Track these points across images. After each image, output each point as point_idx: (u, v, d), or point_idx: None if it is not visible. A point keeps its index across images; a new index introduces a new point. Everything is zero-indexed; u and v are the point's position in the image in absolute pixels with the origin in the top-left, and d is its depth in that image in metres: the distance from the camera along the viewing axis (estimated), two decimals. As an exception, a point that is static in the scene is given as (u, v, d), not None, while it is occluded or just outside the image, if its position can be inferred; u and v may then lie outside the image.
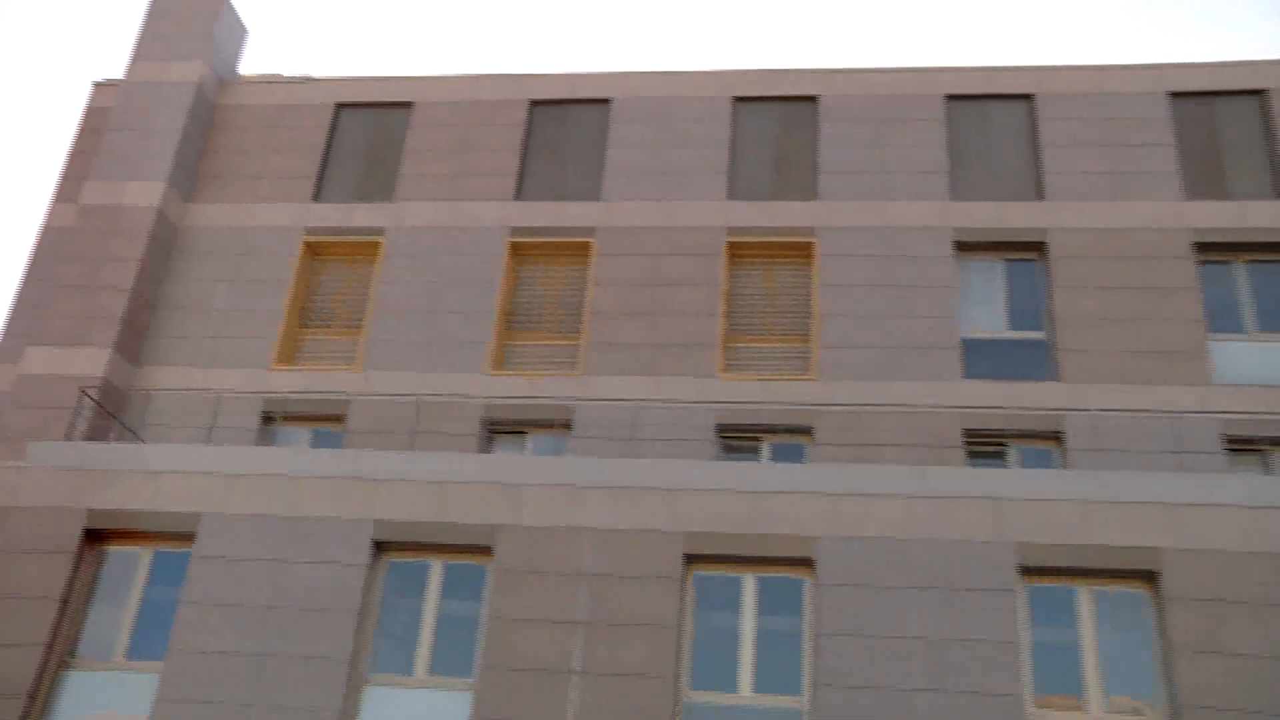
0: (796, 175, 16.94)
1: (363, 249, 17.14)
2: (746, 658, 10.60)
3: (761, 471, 11.29)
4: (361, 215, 17.11)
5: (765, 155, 17.21)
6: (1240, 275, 15.36)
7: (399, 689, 10.88)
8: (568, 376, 15.61)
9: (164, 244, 16.98)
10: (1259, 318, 15.09)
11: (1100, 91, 16.76)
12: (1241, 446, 13.86)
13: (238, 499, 11.54)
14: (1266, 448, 13.86)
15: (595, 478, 11.29)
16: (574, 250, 16.88)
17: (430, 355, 16.04)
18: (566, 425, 15.39)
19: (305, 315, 16.87)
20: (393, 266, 16.75)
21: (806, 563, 10.79)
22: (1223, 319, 15.06)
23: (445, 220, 16.95)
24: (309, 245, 17.13)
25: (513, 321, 16.63)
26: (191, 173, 17.68)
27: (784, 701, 10.37)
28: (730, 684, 10.50)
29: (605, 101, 17.81)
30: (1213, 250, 15.44)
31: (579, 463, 11.43)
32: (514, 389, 15.59)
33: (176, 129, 17.32)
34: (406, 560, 11.49)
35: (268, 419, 15.91)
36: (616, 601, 10.64)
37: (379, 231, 16.98)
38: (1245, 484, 11.02)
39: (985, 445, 14.61)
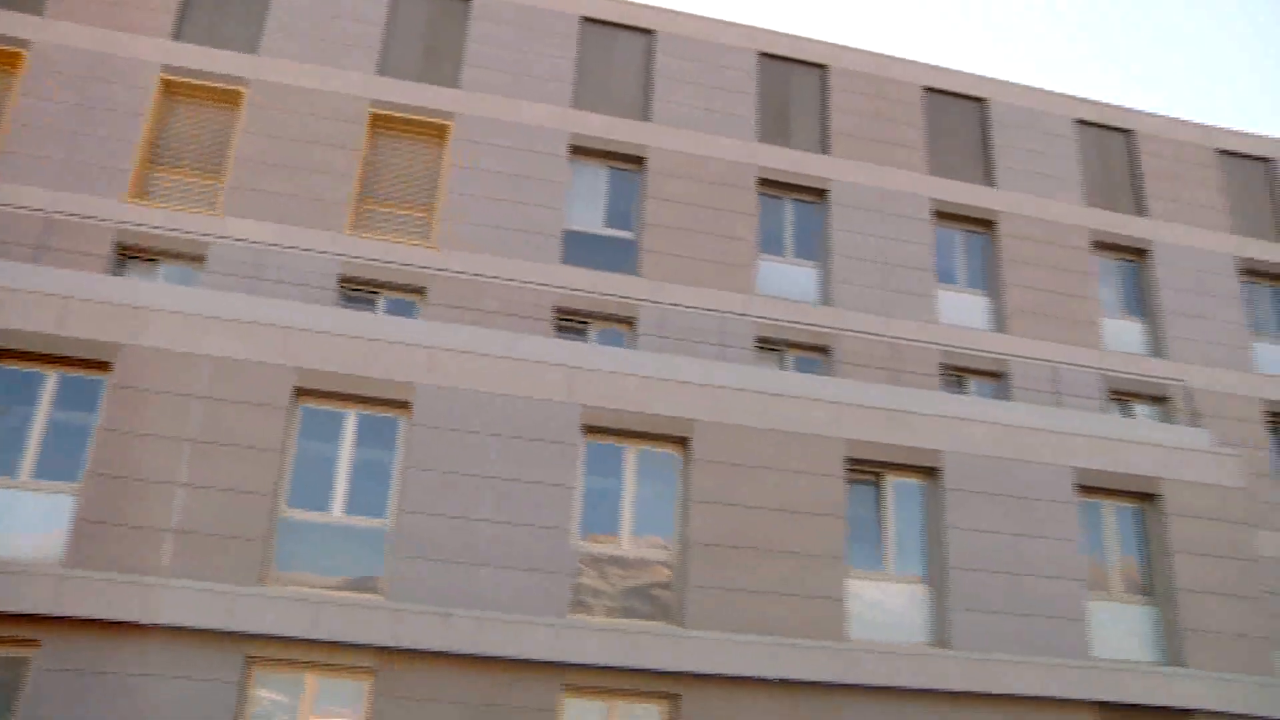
0: (443, 63, 17.98)
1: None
2: (341, 483, 11.94)
3: (372, 321, 12.49)
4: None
5: (416, 40, 18.06)
6: (788, 210, 18.64)
7: (2, 490, 11.15)
8: (206, 214, 15.78)
9: None
10: (796, 246, 18.47)
11: (708, 40, 19.27)
12: (767, 346, 17.08)
13: None
14: (785, 349, 17.22)
15: (218, 309, 11.94)
16: (227, 96, 16.87)
17: (64, 178, 15.62)
18: (200, 259, 15.60)
19: None
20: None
21: (404, 405, 12.22)
22: (770, 243, 18.24)
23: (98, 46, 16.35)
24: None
25: (158, 155, 16.44)
26: None
27: (371, 523, 11.83)
28: (324, 504, 11.82)
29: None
30: (771, 186, 18.58)
31: (204, 294, 12.00)
32: (152, 219, 15.53)
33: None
34: (20, 369, 11.60)
35: None
36: (227, 424, 11.51)
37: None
38: (764, 375, 13.87)
39: (571, 322, 16.69)
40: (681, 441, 13.02)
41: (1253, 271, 21.31)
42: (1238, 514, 15.11)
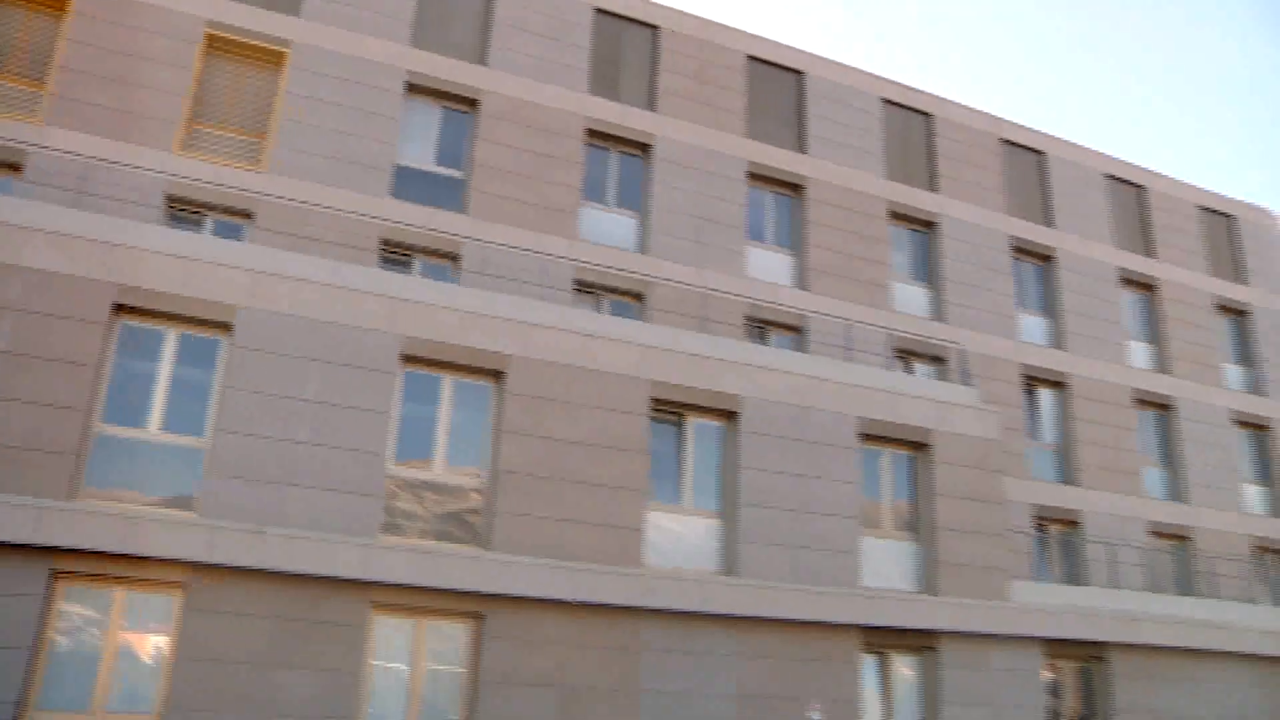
0: (286, -10, 17.68)
1: None
2: (159, 401, 11.97)
3: (196, 241, 12.48)
4: None
5: (258, -34, 17.64)
6: (612, 161, 19.34)
7: None
8: (26, 122, 15.11)
9: None
10: (618, 196, 19.23)
11: (552, -1, 19.67)
12: (585, 289, 17.80)
13: None
14: (601, 293, 18.00)
15: (37, 220, 11.67)
16: (55, 4, 16.15)
17: None
18: (17, 167, 14.95)
19: None
20: None
21: (226, 326, 12.29)
22: (593, 191, 18.91)
23: None
24: None
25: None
26: None
27: (188, 441, 11.94)
28: (141, 422, 11.84)
29: None
30: (598, 137, 19.23)
31: (21, 204, 11.69)
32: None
33: None
34: None
35: None
36: (41, 338, 11.33)
37: None
38: (578, 316, 14.57)
39: (396, 255, 16.85)
40: (496, 375, 13.59)
41: (1022, 250, 23.53)
42: (992, 463, 16.97)
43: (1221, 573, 22.60)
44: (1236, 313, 27.00)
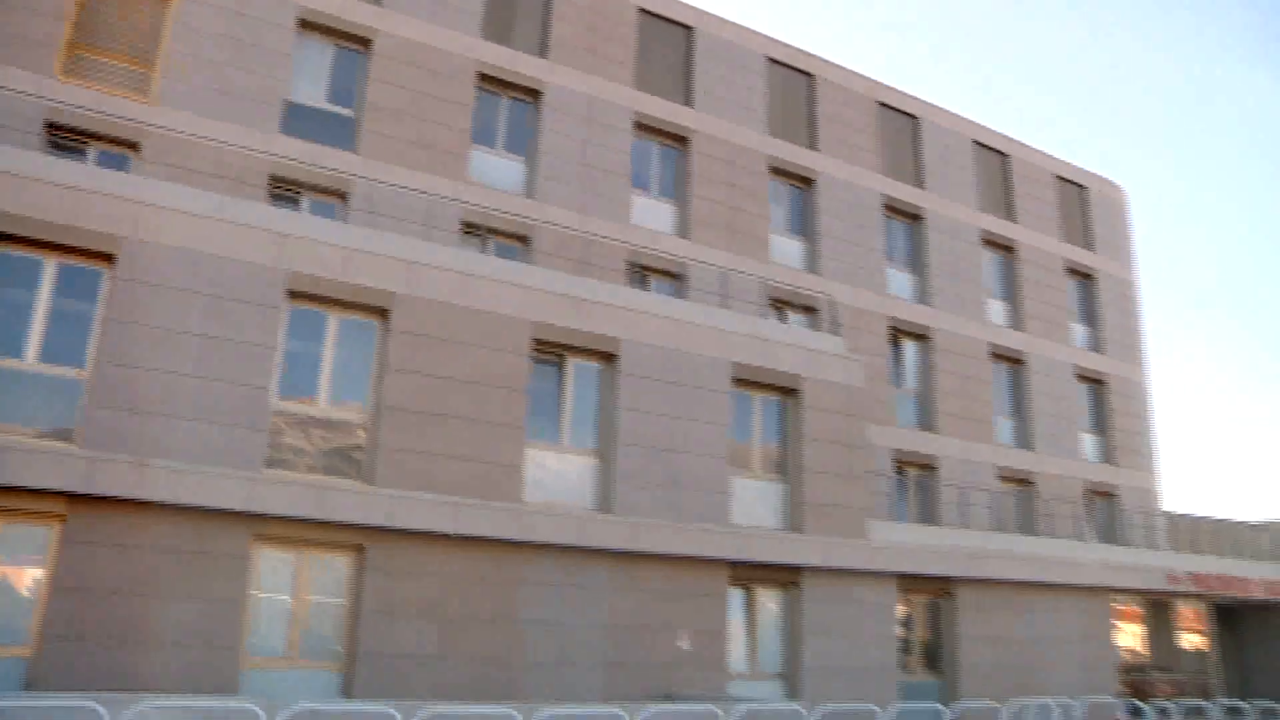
0: (174, -81, 17.10)
1: None
2: (37, 331, 11.79)
3: (78, 170, 12.31)
4: None
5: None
6: (503, 106, 19.49)
7: None
8: None
9: None
10: (507, 140, 19.41)
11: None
12: (472, 231, 18.02)
13: None
14: (488, 235, 18.25)
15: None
16: None
17: None
18: None
19: None
20: None
21: (108, 257, 12.17)
22: (483, 135, 19.05)
23: None
24: None
25: None
26: None
27: (67, 372, 11.82)
28: (19, 352, 11.66)
29: None
30: (489, 81, 19.34)
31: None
32: None
33: None
34: None
35: None
36: (-87, 261, 11.08)
37: None
38: (463, 256, 14.82)
39: (285, 190, 16.69)
40: (382, 312, 13.78)
41: (893, 209, 24.63)
42: (856, 409, 17.99)
43: (1058, 514, 24.38)
44: (1083, 276, 28.82)
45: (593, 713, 11.07)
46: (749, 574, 16.21)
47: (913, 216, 25.02)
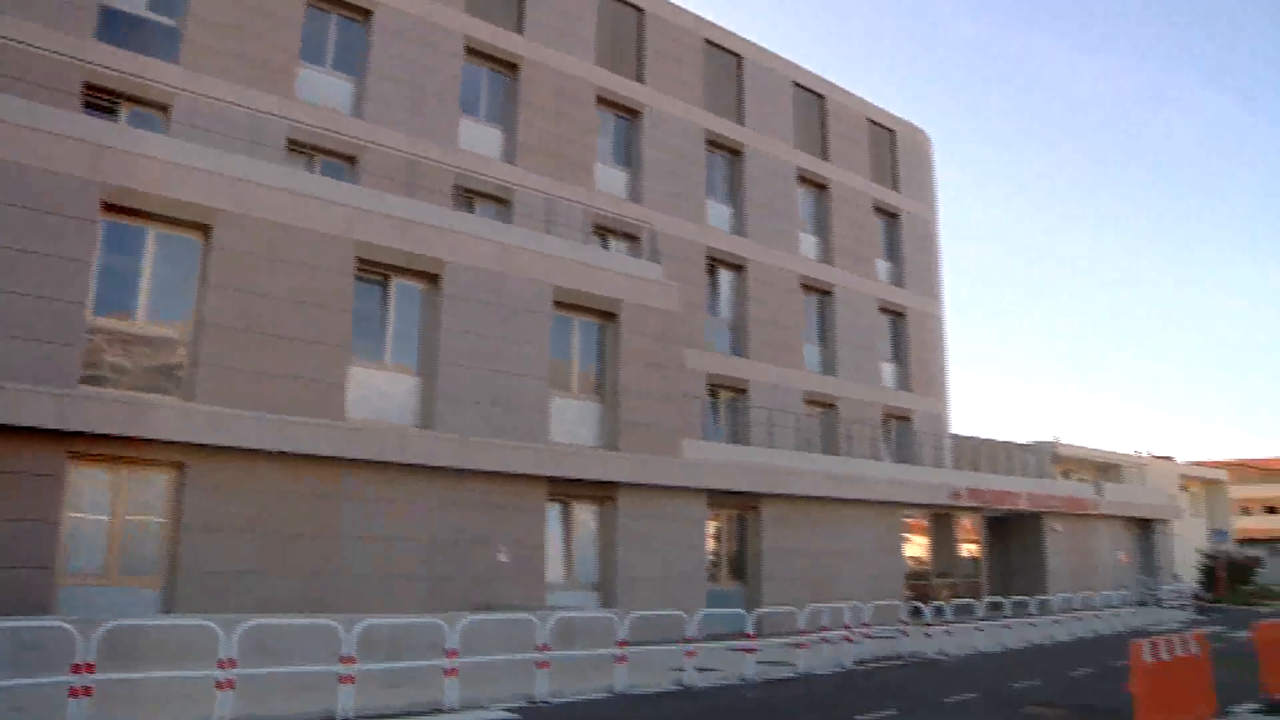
0: None
1: None
2: None
3: None
4: None
5: None
6: (333, 24, 19.10)
7: None
8: None
9: None
10: (336, 59, 19.09)
11: None
12: (298, 149, 17.76)
13: None
14: (314, 153, 18.05)
15: None
16: None
17: None
18: None
19: None
20: None
21: (-95, 163, 11.60)
22: (312, 53, 18.65)
23: None
24: None
25: None
26: None
27: None
28: None
29: None
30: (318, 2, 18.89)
31: None
32: None
33: None
34: None
35: None
36: None
37: None
38: (288, 173, 14.78)
39: (101, 100, 15.87)
40: (204, 228, 13.67)
41: (715, 143, 25.52)
42: (673, 334, 18.93)
43: (858, 435, 26.25)
44: (889, 215, 30.65)
45: (413, 622, 11.61)
46: (567, 490, 17.00)
47: (733, 152, 25.99)
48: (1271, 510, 73.84)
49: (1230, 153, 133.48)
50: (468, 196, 19.97)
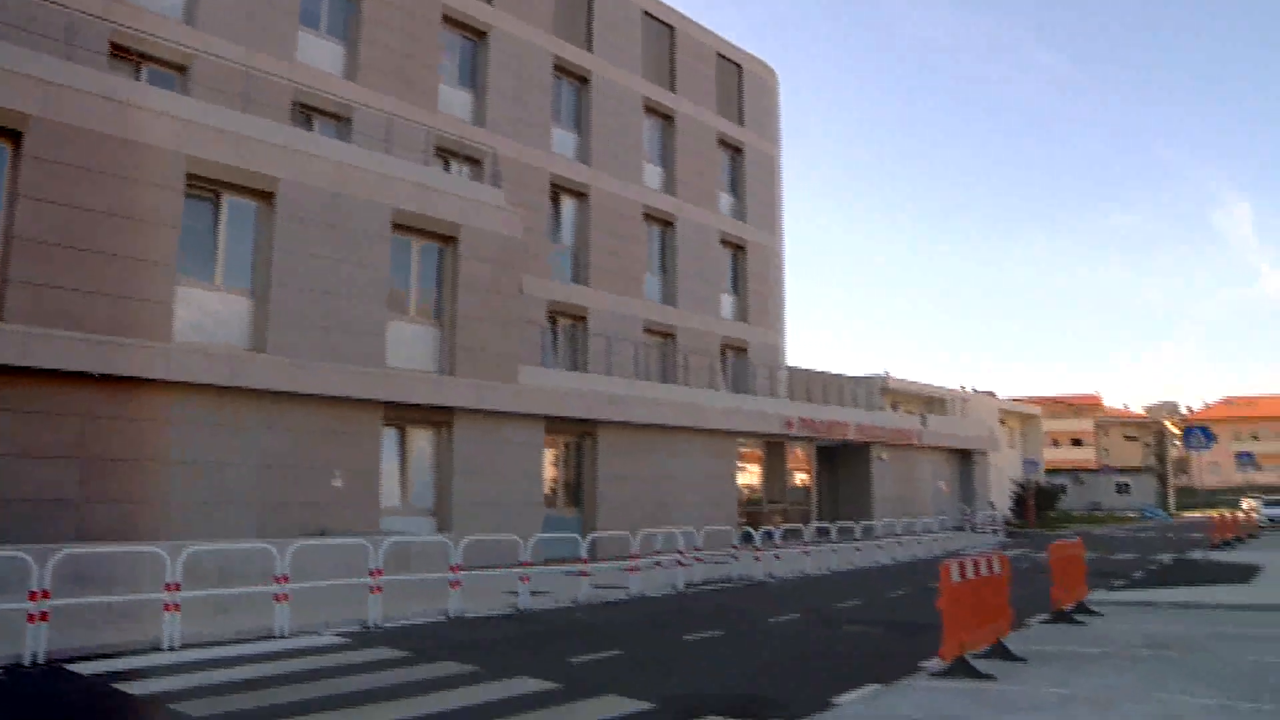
0: None
1: None
2: None
3: None
4: None
5: None
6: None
7: None
8: None
9: None
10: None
11: None
12: (122, 55, 16.63)
13: None
14: (141, 60, 16.97)
15: None
16: None
17: None
18: None
19: None
20: None
21: None
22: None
23: None
24: None
25: None
26: None
27: None
28: None
29: None
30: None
31: None
32: None
33: None
34: None
35: None
36: None
37: None
38: (110, 81, 13.84)
39: None
40: (13, 135, 12.82)
41: (562, 69, 25.25)
42: (513, 260, 18.89)
43: (696, 365, 26.88)
44: (733, 149, 31.11)
45: (242, 548, 11.45)
46: (404, 415, 16.92)
47: (581, 79, 25.78)
48: (1077, 443, 79.84)
49: (1061, 106, 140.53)
50: (306, 113, 19.24)
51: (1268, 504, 42.95)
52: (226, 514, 14.15)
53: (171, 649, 9.09)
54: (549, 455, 20.23)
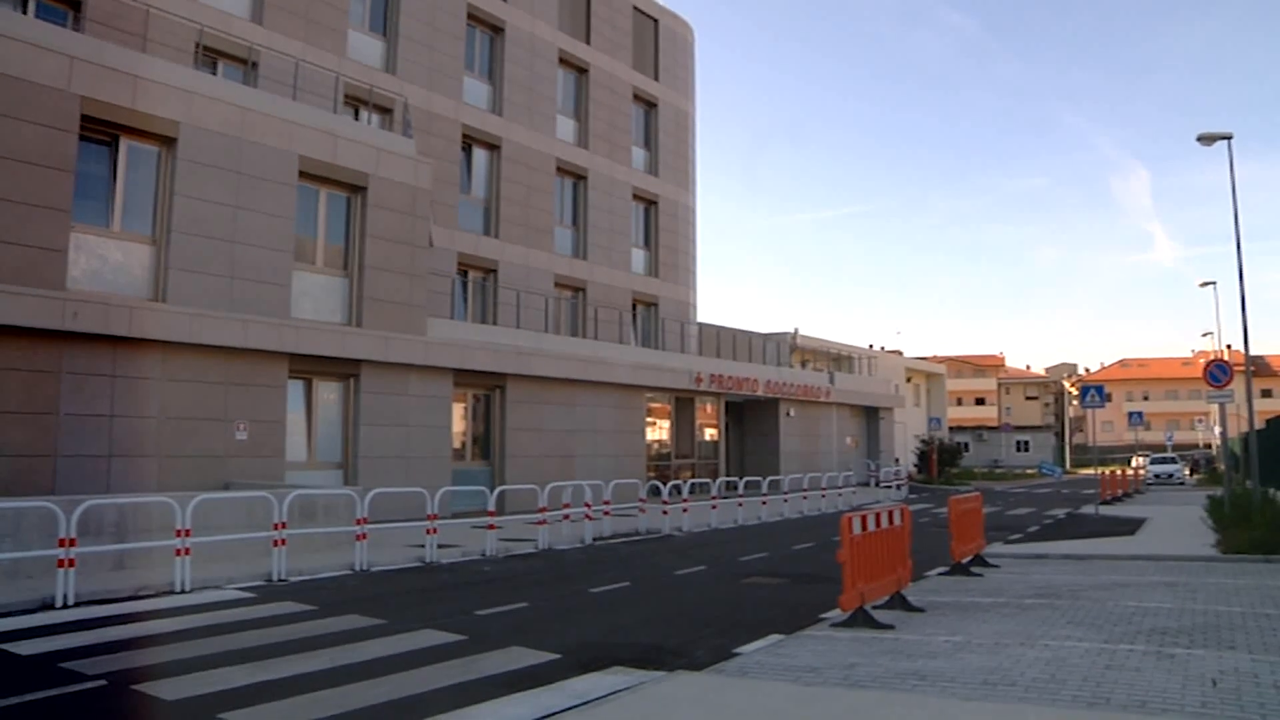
0: None
1: None
2: None
3: None
4: None
5: None
6: None
7: None
8: None
9: None
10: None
11: None
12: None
13: None
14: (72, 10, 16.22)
15: None
16: None
17: None
18: None
19: None
20: None
21: None
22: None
23: None
24: None
25: None
26: None
27: None
28: None
29: None
30: None
31: None
32: None
33: None
34: None
35: None
36: None
37: None
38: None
39: None
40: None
41: (475, 18, 24.81)
42: (422, 210, 18.65)
43: (606, 319, 26.98)
44: (647, 104, 31.01)
45: (141, 501, 11.22)
46: (309, 366, 16.68)
47: (494, 29, 25.37)
48: (980, 401, 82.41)
49: (972, 68, 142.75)
50: (210, 56, 18.56)
51: (1155, 461, 44.96)
52: (125, 467, 13.84)
53: (65, 606, 8.92)
54: (458, 408, 20.17)
